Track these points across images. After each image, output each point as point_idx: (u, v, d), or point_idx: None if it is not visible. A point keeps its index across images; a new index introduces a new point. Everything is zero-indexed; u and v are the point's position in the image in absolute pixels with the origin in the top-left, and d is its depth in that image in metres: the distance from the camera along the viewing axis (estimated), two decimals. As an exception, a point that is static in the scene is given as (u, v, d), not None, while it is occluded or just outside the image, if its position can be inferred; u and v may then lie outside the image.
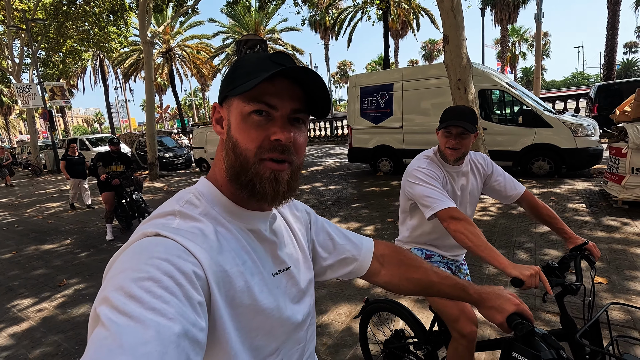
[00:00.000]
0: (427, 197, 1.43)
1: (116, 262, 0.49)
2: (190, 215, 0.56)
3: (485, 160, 1.70)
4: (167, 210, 0.57)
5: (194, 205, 0.59)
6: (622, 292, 2.75)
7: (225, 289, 0.53)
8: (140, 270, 0.45)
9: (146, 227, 0.54)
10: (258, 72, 0.56)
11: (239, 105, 0.58)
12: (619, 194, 4.58)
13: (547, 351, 0.72)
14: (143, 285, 0.43)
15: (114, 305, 0.41)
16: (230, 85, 0.59)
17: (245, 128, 0.57)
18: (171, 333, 0.41)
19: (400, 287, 0.86)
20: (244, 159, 0.57)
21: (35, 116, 19.28)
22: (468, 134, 1.47)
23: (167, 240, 0.50)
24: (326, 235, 0.81)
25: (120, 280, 0.44)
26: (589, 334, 1.12)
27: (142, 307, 0.41)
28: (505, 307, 0.81)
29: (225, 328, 0.53)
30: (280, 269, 0.65)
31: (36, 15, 14.28)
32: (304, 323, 0.67)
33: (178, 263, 0.47)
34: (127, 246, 0.51)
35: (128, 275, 0.45)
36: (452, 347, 1.49)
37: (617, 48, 16.10)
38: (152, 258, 0.47)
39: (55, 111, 31.66)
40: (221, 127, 0.62)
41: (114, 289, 0.43)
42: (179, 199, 0.60)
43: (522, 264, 1.17)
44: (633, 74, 50.46)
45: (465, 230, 1.30)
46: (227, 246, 0.56)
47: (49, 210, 8.18)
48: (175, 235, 0.51)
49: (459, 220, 1.34)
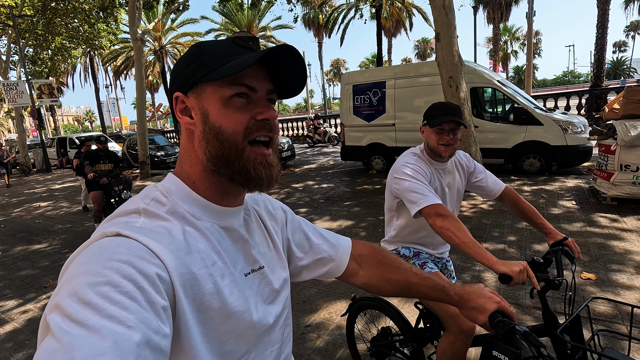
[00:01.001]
0: (413, 192, 1.42)
1: (71, 264, 0.45)
2: (156, 214, 0.53)
3: (467, 158, 1.72)
4: (131, 209, 0.53)
5: (160, 203, 0.55)
6: (610, 287, 2.77)
7: (193, 292, 0.50)
8: (98, 274, 0.41)
9: (107, 227, 0.50)
10: (229, 55, 0.55)
11: (217, 91, 0.55)
12: (608, 190, 4.63)
13: (527, 349, 0.71)
14: (100, 291, 0.40)
15: (66, 313, 0.38)
16: (201, 70, 0.55)
17: (229, 112, 0.55)
18: (130, 342, 0.38)
19: (379, 288, 0.83)
20: (232, 144, 0.55)
21: (23, 114, 18.97)
22: (459, 129, 1.48)
23: (129, 241, 0.47)
24: (302, 234, 0.78)
25: (74, 285, 0.41)
26: (571, 329, 1.12)
27: (98, 315, 0.38)
28: (487, 306, 0.79)
29: (191, 334, 0.49)
30: (253, 269, 0.62)
31: (23, 11, 14.01)
32: (276, 324, 0.65)
33: (140, 265, 0.44)
34: (84, 247, 0.48)
35: (83, 280, 0.41)
36: (447, 341, 1.46)
37: (607, 47, 16.28)
38: (112, 260, 0.43)
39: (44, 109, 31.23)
40: (190, 118, 0.58)
41: (67, 295, 0.40)
42: (144, 196, 0.56)
43: (509, 260, 1.16)
44: (622, 72, 51.21)
45: (451, 227, 1.29)
46: (196, 247, 0.53)
47: (37, 210, 8.05)
48: (139, 235, 0.48)
49: (445, 217, 1.32)
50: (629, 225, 3.91)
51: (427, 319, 1.64)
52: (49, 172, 15.97)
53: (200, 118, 0.56)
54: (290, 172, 9.76)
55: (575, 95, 12.60)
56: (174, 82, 0.59)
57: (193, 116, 0.57)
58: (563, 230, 3.93)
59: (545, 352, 0.71)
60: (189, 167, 0.59)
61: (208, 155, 0.56)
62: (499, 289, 2.88)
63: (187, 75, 0.57)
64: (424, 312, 1.65)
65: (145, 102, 11.66)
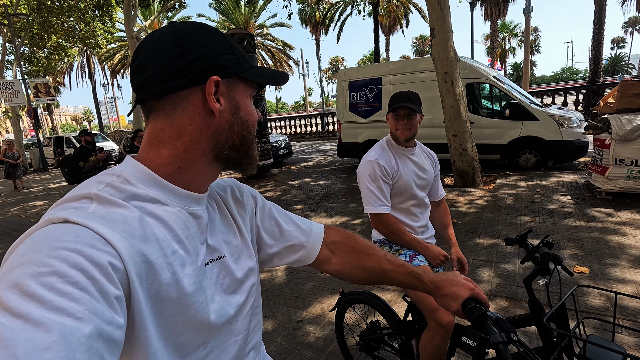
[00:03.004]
0: (369, 195, 1.63)
1: (12, 254, 0.42)
2: (111, 200, 0.49)
3: (435, 158, 1.87)
4: (81, 193, 0.49)
5: (116, 188, 0.51)
6: (603, 280, 2.77)
7: (149, 282, 0.48)
8: (42, 264, 0.39)
9: (53, 212, 0.46)
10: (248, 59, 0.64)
11: (247, 89, 0.61)
12: (603, 185, 4.62)
13: (497, 334, 0.70)
14: (45, 282, 0.37)
15: (6, 307, 0.35)
16: (239, 66, 0.58)
17: (252, 110, 0.62)
18: (80, 335, 0.36)
19: (352, 275, 0.82)
20: (252, 136, 0.63)
21: (20, 114, 18.90)
22: (415, 114, 1.62)
23: (78, 228, 0.43)
24: (272, 221, 0.76)
25: (16, 276, 0.38)
26: (556, 317, 1.12)
27: (42, 308, 0.36)
28: (460, 293, 0.78)
29: (145, 325, 0.48)
30: (212, 258, 0.60)
31: (19, 10, 13.92)
32: (239, 314, 0.63)
33: (91, 254, 0.41)
34: (27, 235, 0.44)
35: (26, 270, 0.38)
36: (427, 335, 1.49)
37: (604, 43, 16.29)
38: (58, 249, 0.40)
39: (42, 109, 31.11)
40: (220, 105, 0.56)
41: (8, 287, 0.37)
42: (98, 181, 0.52)
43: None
44: (620, 69, 51.22)
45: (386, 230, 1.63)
46: (154, 234, 0.50)
47: (33, 209, 8.02)
48: (89, 221, 0.44)
49: (386, 223, 1.62)
50: (623, 219, 3.91)
51: (415, 311, 1.64)
52: (46, 171, 15.94)
53: (230, 109, 0.58)
54: (287, 169, 9.74)
55: (572, 92, 12.61)
56: (200, 60, 0.55)
57: (222, 104, 0.57)
58: (558, 225, 3.94)
59: (515, 338, 0.70)
60: (182, 152, 0.56)
61: (229, 143, 0.59)
62: (491, 282, 2.87)
63: (225, 63, 0.57)
64: (412, 304, 1.65)
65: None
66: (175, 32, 0.55)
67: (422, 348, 1.49)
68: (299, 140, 18.12)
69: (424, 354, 1.49)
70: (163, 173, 0.56)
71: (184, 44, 0.54)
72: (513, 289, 2.79)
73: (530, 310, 1.20)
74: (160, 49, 0.54)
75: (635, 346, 2.04)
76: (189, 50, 0.54)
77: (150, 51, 0.55)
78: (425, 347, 1.47)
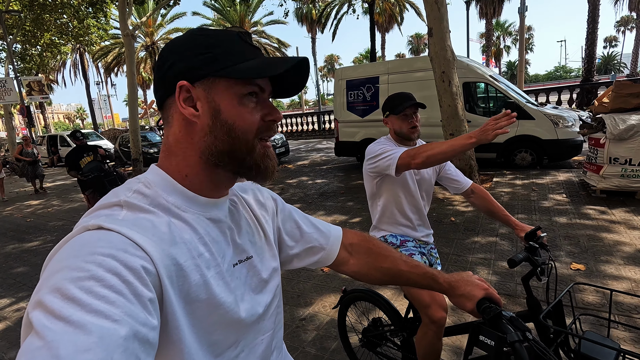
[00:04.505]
0: (385, 154, 1.56)
1: (52, 260, 0.44)
2: (139, 206, 0.52)
3: None
4: (112, 201, 0.52)
5: (143, 195, 0.54)
6: (598, 277, 2.82)
7: (179, 284, 0.50)
8: (80, 269, 0.41)
9: (88, 220, 0.49)
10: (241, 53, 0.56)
11: (232, 88, 0.55)
12: (597, 183, 4.70)
13: (513, 333, 0.73)
14: (83, 286, 0.39)
15: (49, 310, 0.37)
16: (215, 64, 0.54)
17: (243, 111, 0.56)
18: (117, 337, 0.37)
19: (369, 276, 0.84)
20: (243, 142, 0.56)
21: (12, 112, 18.67)
22: (417, 111, 1.65)
23: (111, 234, 0.46)
24: (293, 223, 0.78)
25: (56, 281, 0.40)
26: (553, 314, 1.15)
27: (82, 310, 0.37)
28: (474, 293, 0.81)
29: (179, 325, 0.49)
30: (240, 259, 0.62)
31: (11, 6, 13.73)
32: (266, 313, 0.65)
33: (124, 258, 0.44)
34: (65, 242, 0.46)
35: (66, 275, 0.40)
36: (421, 331, 1.54)
37: (598, 42, 16.44)
38: (94, 255, 0.42)
39: (34, 107, 30.73)
40: (194, 109, 0.55)
41: (49, 291, 0.39)
42: (126, 188, 0.55)
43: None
44: (613, 68, 51.73)
45: (425, 151, 1.43)
46: (181, 237, 0.52)
47: (28, 209, 7.95)
48: (121, 227, 0.47)
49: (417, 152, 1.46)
50: (618, 217, 3.98)
51: (415, 308, 1.68)
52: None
53: (209, 112, 0.55)
54: (284, 168, 9.74)
55: (566, 90, 12.73)
56: (171, 68, 0.55)
57: (198, 108, 0.55)
58: (554, 223, 4.00)
59: (530, 336, 0.74)
60: (182, 160, 0.57)
61: (214, 149, 0.56)
62: (490, 280, 2.92)
63: (195, 65, 0.54)
64: None
65: (137, 99, 11.54)
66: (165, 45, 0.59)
67: (417, 343, 1.55)
68: (295, 138, 18.11)
69: (419, 349, 1.55)
70: (178, 180, 0.57)
71: (162, 56, 0.57)
72: (511, 286, 2.83)
73: (527, 307, 1.24)
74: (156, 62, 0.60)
75: (631, 341, 2.09)
76: (165, 60, 0.56)
77: None
78: (420, 342, 1.53)
